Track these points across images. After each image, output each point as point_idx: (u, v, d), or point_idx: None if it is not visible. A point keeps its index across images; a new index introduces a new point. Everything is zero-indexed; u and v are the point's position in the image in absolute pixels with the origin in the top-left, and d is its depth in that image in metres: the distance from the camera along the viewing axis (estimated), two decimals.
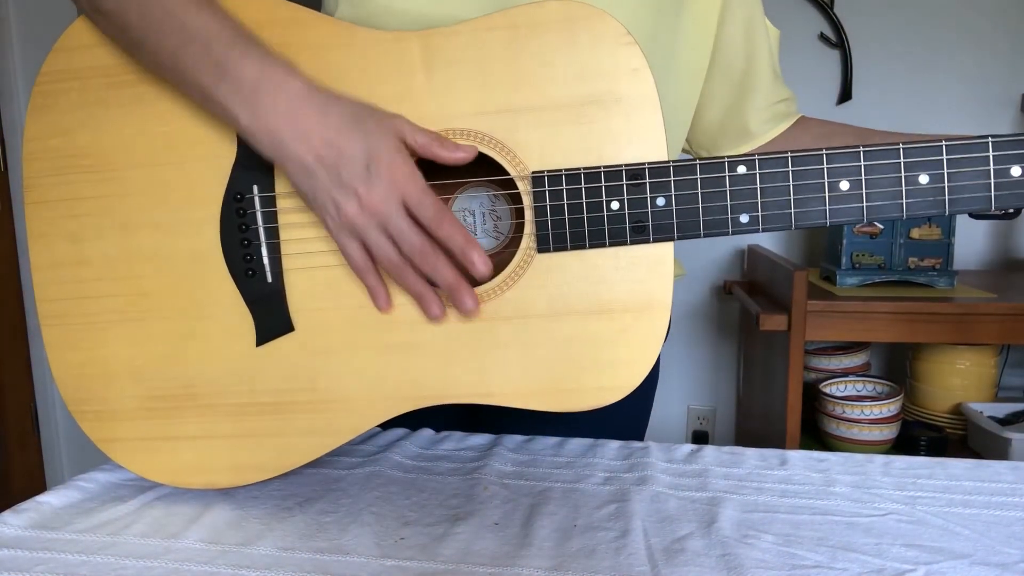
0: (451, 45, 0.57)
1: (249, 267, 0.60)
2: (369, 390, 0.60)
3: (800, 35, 1.91)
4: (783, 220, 0.56)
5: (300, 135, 0.54)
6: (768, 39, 0.77)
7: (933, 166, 0.54)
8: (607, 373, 0.58)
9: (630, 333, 0.58)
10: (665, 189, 0.56)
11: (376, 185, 0.53)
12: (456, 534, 0.56)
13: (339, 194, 0.54)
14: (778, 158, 0.55)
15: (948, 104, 1.90)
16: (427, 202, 0.54)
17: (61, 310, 0.62)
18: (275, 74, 0.54)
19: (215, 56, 0.54)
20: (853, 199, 0.55)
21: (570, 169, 0.57)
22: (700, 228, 0.56)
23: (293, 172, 0.55)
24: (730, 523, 0.57)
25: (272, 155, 0.55)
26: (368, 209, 0.54)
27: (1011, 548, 0.54)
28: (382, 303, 0.58)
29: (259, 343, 0.61)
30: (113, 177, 0.61)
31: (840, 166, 0.55)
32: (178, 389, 0.62)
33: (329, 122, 0.54)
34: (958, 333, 1.48)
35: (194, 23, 0.54)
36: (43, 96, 0.62)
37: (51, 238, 0.62)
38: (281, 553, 0.54)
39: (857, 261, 1.61)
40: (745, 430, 2.02)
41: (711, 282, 2.06)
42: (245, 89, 0.54)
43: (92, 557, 0.53)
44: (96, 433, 0.63)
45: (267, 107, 0.54)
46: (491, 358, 0.59)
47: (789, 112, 0.80)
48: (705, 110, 0.79)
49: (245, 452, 0.62)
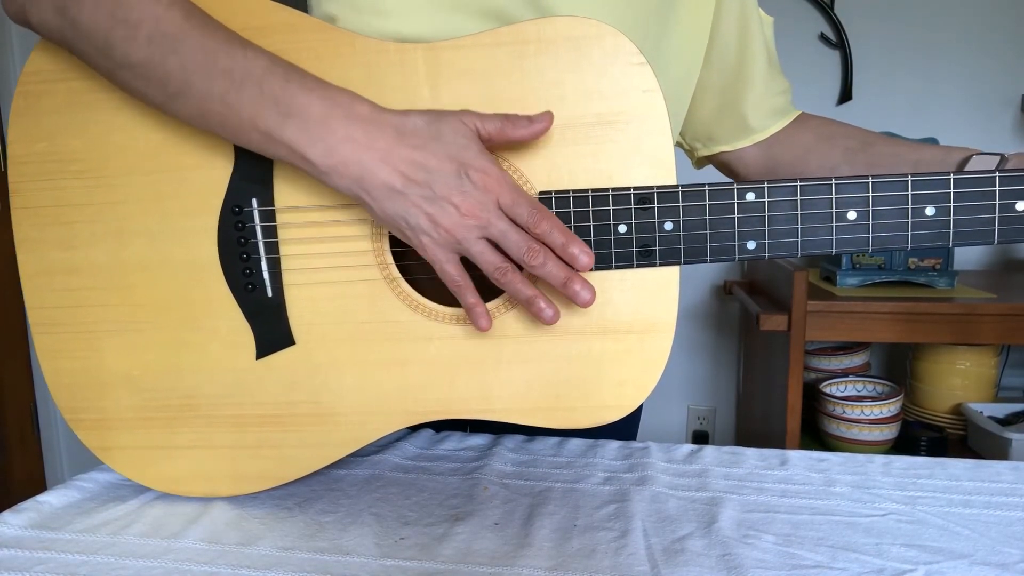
0: (457, 59, 0.56)
1: (249, 281, 0.59)
2: (370, 404, 0.60)
3: (800, 35, 1.91)
4: (789, 248, 0.55)
5: (382, 159, 0.52)
6: (762, 27, 0.76)
7: (940, 199, 0.54)
8: (610, 392, 0.58)
9: (634, 354, 0.57)
10: (673, 214, 0.55)
11: (471, 193, 0.52)
12: (456, 534, 0.56)
13: (434, 208, 0.52)
14: (787, 186, 0.55)
15: (948, 104, 1.90)
16: (523, 201, 0.53)
17: (53, 318, 0.62)
18: (342, 101, 0.52)
19: (273, 94, 0.52)
20: (859, 229, 0.55)
21: (578, 191, 0.56)
22: (707, 254, 0.56)
23: (380, 198, 0.52)
24: (730, 523, 0.57)
25: (353, 187, 0.53)
26: (467, 217, 0.52)
27: (1011, 548, 0.54)
28: (484, 322, 0.56)
29: (259, 356, 0.60)
30: (104, 183, 0.60)
31: (848, 196, 0.54)
32: (176, 399, 0.61)
33: (407, 140, 0.52)
34: (958, 333, 1.48)
35: (241, 63, 0.52)
36: (25, 97, 0.60)
37: (40, 244, 0.61)
38: (281, 553, 0.54)
39: (857, 261, 1.61)
40: (745, 430, 2.02)
41: (711, 282, 2.06)
42: (313, 123, 0.51)
43: (92, 557, 0.53)
44: (93, 441, 0.63)
45: (340, 138, 0.52)
46: (494, 375, 0.59)
47: (788, 107, 0.79)
48: (700, 102, 0.77)
49: (245, 462, 0.62)
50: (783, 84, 0.78)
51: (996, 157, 0.62)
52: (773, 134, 0.78)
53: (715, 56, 0.75)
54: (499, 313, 0.58)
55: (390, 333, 0.59)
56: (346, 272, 0.59)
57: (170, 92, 0.53)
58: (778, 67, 0.78)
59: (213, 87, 0.52)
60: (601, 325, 0.58)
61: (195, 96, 0.53)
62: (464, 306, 0.56)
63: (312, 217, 0.58)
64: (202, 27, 0.53)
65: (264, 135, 0.53)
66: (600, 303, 0.57)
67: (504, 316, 0.58)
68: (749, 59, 0.75)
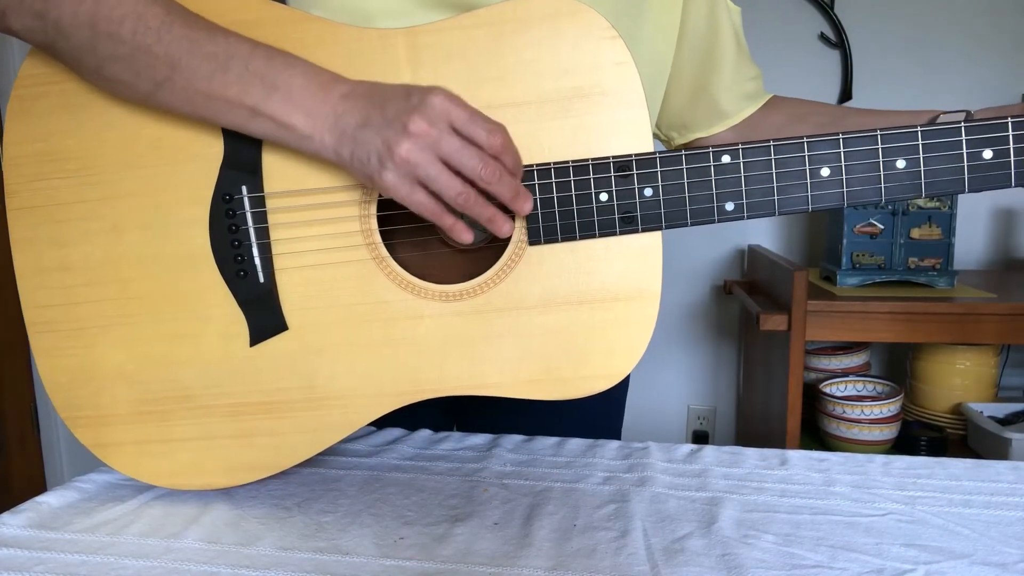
0: (437, 42, 0.57)
1: (240, 268, 0.60)
2: (365, 386, 0.60)
3: (800, 35, 1.91)
4: (767, 207, 0.57)
5: (354, 108, 0.54)
6: (730, 16, 0.78)
7: (909, 151, 0.56)
8: (600, 362, 0.59)
9: (622, 321, 0.59)
10: (652, 180, 0.57)
11: (421, 112, 0.52)
12: (455, 534, 0.56)
13: (389, 132, 0.53)
14: (761, 147, 0.57)
15: (948, 104, 1.88)
16: (478, 119, 0.54)
17: (49, 316, 0.62)
18: (323, 72, 0.55)
19: (259, 71, 0.54)
20: (834, 184, 0.57)
21: (559, 162, 0.57)
22: (687, 217, 0.58)
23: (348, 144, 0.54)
24: (730, 523, 0.57)
25: (331, 144, 0.55)
26: (418, 136, 0.52)
27: (1011, 548, 0.54)
28: (467, 235, 0.56)
29: (253, 343, 0.61)
30: (97, 181, 0.61)
31: (821, 153, 0.56)
32: (172, 392, 0.62)
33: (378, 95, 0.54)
34: (958, 333, 1.48)
35: (224, 47, 0.54)
36: (21, 100, 0.61)
37: (35, 244, 0.62)
38: (280, 553, 0.54)
39: (857, 261, 1.61)
40: (745, 430, 2.02)
41: (711, 282, 2.06)
42: (296, 92, 0.54)
43: (91, 557, 0.53)
44: (90, 439, 0.63)
45: (320, 101, 0.54)
46: (485, 349, 0.59)
47: (760, 91, 0.81)
48: (673, 91, 0.79)
49: (242, 452, 0.62)
50: (754, 70, 0.81)
51: (962, 113, 0.64)
52: (746, 118, 0.80)
53: (686, 46, 0.76)
54: (486, 289, 0.59)
55: (380, 314, 0.60)
56: (336, 254, 0.60)
57: (157, 80, 0.55)
58: (748, 54, 0.80)
59: (199, 71, 0.54)
60: (588, 294, 0.59)
61: (181, 81, 0.55)
62: (444, 228, 0.56)
63: (301, 201, 0.59)
64: (184, 18, 0.55)
65: (250, 110, 0.55)
66: (586, 273, 0.59)
67: (491, 292, 0.59)
68: (719, 48, 0.77)
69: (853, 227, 1.59)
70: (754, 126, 0.80)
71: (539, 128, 0.57)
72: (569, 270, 0.59)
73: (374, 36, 0.58)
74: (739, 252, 2.03)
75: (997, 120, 0.55)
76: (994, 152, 0.55)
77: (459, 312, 0.59)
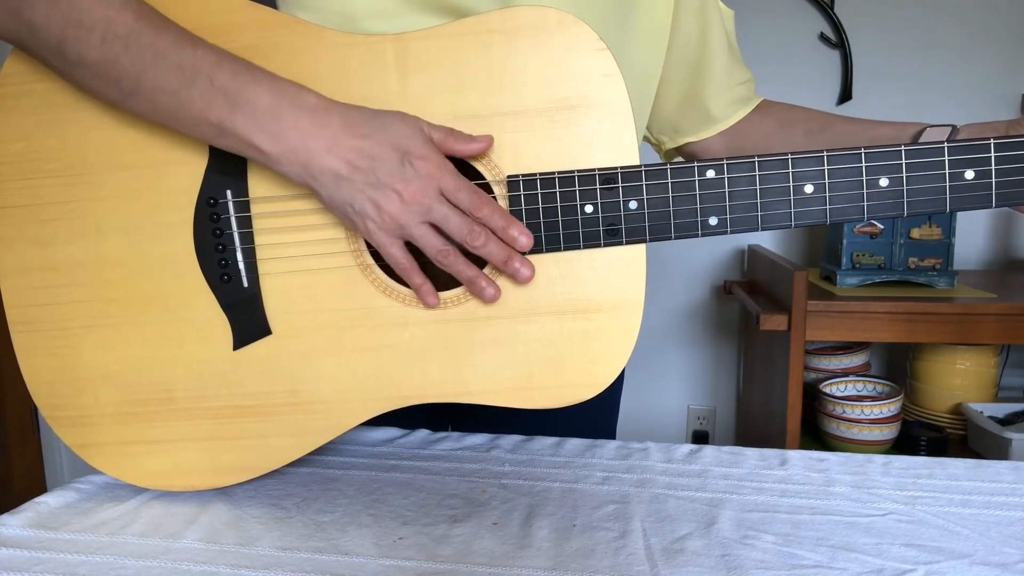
0: (424, 49, 0.57)
1: (224, 272, 0.60)
2: (348, 391, 0.60)
3: (800, 35, 1.91)
4: (750, 222, 0.58)
5: (328, 146, 0.53)
6: (722, 20, 0.77)
7: (892, 170, 0.56)
8: (582, 371, 0.59)
9: (604, 332, 0.59)
10: (637, 193, 0.57)
11: (413, 180, 0.54)
12: (455, 534, 0.56)
13: (378, 195, 0.54)
14: (745, 162, 0.57)
15: (948, 104, 1.90)
16: (464, 187, 0.55)
17: (31, 316, 0.62)
18: (288, 92, 0.54)
19: (223, 86, 0.53)
20: (817, 202, 0.57)
21: (544, 173, 0.57)
22: (671, 230, 0.58)
23: (327, 184, 0.54)
24: (730, 523, 0.57)
25: (302, 174, 0.54)
26: (410, 203, 0.54)
27: (1011, 548, 0.54)
28: (431, 299, 0.58)
29: (236, 347, 0.61)
30: (81, 181, 0.60)
31: (805, 170, 0.57)
32: (155, 393, 0.62)
33: (353, 129, 0.54)
34: (958, 333, 1.48)
35: (190, 60, 0.53)
36: (3, 99, 0.60)
37: (18, 243, 0.61)
38: (280, 553, 0.54)
39: (857, 261, 1.61)
40: (745, 430, 2.02)
41: (711, 282, 2.06)
42: (261, 113, 0.53)
43: (91, 557, 0.53)
44: (72, 438, 0.63)
45: (288, 126, 0.53)
46: (468, 358, 0.59)
47: (750, 96, 0.80)
48: (664, 95, 0.79)
49: (224, 454, 0.62)
50: (745, 74, 0.80)
51: (948, 128, 0.64)
52: (736, 123, 0.80)
53: (677, 50, 0.76)
54: (470, 297, 0.59)
55: (365, 320, 0.60)
56: (320, 260, 0.59)
57: (124, 91, 0.54)
58: (739, 58, 0.80)
59: (164, 83, 0.53)
60: (572, 304, 0.59)
61: (147, 93, 0.54)
62: (412, 286, 0.58)
63: (286, 207, 0.59)
64: (153, 27, 0.54)
65: (216, 127, 0.54)
66: (570, 283, 0.59)
67: (475, 300, 0.59)
68: (710, 52, 0.77)
69: (853, 227, 1.59)
70: (744, 131, 0.80)
71: (525, 138, 0.57)
72: (553, 280, 0.59)
73: (361, 43, 0.57)
74: (739, 252, 2.03)
75: (980, 141, 0.55)
76: (976, 172, 0.56)
77: (443, 320, 0.59)
